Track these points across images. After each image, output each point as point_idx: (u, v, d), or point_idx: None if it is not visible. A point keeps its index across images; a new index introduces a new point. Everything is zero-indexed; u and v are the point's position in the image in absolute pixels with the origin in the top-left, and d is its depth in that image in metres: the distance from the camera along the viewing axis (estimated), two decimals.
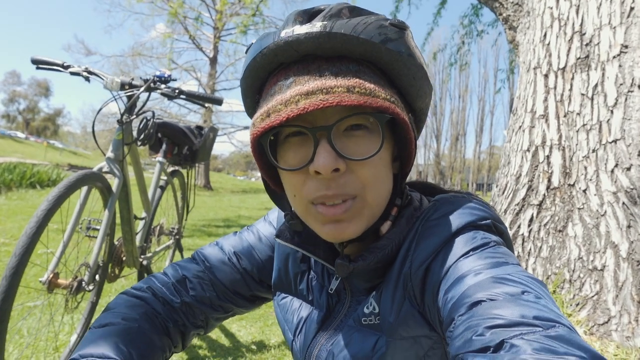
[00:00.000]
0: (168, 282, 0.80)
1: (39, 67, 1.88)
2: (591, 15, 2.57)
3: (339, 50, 0.57)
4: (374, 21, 0.57)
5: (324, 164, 0.55)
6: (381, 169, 0.60)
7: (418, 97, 0.65)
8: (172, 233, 2.75)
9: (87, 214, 1.80)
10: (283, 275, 0.79)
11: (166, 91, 1.90)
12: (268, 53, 0.58)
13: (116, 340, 0.65)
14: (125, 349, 0.65)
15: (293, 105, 0.54)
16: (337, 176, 0.57)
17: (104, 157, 1.79)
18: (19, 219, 5.03)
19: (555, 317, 0.43)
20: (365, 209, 0.60)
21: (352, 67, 0.57)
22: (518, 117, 2.93)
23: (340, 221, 0.59)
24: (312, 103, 0.53)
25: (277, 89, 0.58)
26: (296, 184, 0.60)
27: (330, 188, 0.57)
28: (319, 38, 0.55)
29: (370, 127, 0.58)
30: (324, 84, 0.54)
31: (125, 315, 0.71)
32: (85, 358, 0.61)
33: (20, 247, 1.29)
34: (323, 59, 0.58)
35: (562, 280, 2.30)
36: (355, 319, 0.67)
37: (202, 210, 8.56)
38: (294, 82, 0.56)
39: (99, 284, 1.84)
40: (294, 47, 0.56)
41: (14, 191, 7.83)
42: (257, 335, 2.36)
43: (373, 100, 0.55)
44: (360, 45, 0.56)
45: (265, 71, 0.61)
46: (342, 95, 0.54)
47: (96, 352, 0.63)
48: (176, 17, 13.56)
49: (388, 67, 0.60)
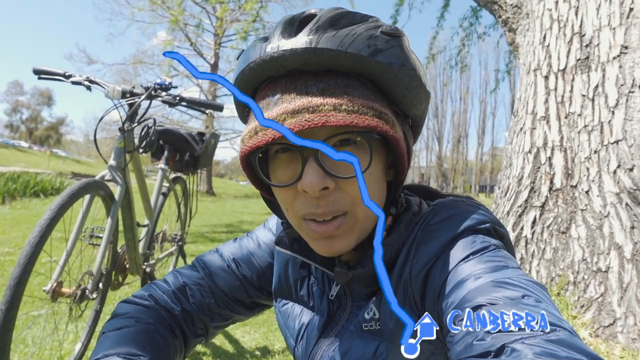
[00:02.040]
0: (169, 290, 0.80)
1: (41, 77, 1.89)
2: (590, 16, 2.58)
3: (326, 65, 0.55)
4: (363, 32, 0.55)
5: (311, 183, 0.54)
6: (372, 183, 0.59)
7: (412, 105, 0.63)
8: (174, 240, 2.75)
9: (90, 222, 1.81)
10: (283, 281, 0.79)
11: (167, 98, 1.91)
12: (255, 67, 0.57)
13: (138, 339, 0.67)
14: (149, 347, 0.66)
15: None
16: (327, 194, 0.56)
17: (106, 165, 1.80)
18: (22, 228, 5.04)
19: (556, 320, 0.43)
20: (357, 225, 0.60)
21: (340, 81, 0.56)
22: (519, 118, 2.93)
23: (332, 237, 0.59)
24: (298, 123, 0.52)
25: (265, 104, 0.57)
26: (287, 199, 0.60)
27: (320, 206, 0.57)
28: (304, 54, 0.54)
29: (359, 142, 0.57)
30: (310, 101, 0.53)
31: (139, 319, 0.72)
32: (110, 356, 0.62)
33: (24, 257, 1.30)
34: (310, 73, 0.56)
35: (566, 282, 2.29)
36: (356, 324, 0.67)
37: (205, 216, 8.56)
38: (281, 100, 0.55)
39: (102, 292, 1.84)
40: (280, 63, 0.55)
41: (18, 200, 7.85)
42: (261, 340, 2.36)
43: (360, 119, 0.53)
44: (348, 60, 0.55)
45: (254, 83, 0.61)
46: (328, 115, 0.52)
47: (121, 351, 0.63)
48: (177, 25, 13.62)
49: (379, 79, 0.58)
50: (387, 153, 0.64)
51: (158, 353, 0.67)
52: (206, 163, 2.61)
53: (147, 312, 0.75)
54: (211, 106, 2.10)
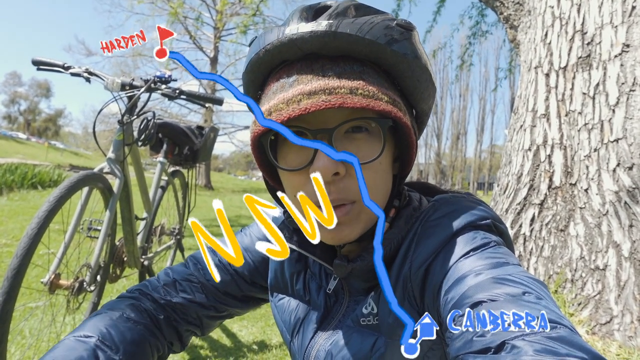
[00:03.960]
0: (158, 286, 0.81)
1: (40, 68, 1.88)
2: (592, 14, 2.57)
3: (343, 50, 0.56)
4: (380, 21, 0.56)
5: (323, 167, 0.53)
6: (381, 173, 0.60)
7: (421, 99, 0.64)
8: (173, 233, 2.75)
9: (89, 215, 1.80)
10: (279, 275, 0.79)
11: (167, 91, 1.90)
12: (272, 49, 0.57)
13: (97, 324, 0.67)
14: (105, 330, 0.66)
15: (295, 104, 0.53)
16: (337, 180, 0.56)
17: (104, 158, 1.79)
18: (20, 220, 5.03)
19: (556, 318, 0.43)
20: (363, 214, 0.60)
21: (356, 67, 0.57)
22: (519, 116, 2.93)
23: (339, 224, 0.59)
24: (315, 103, 0.53)
25: (280, 86, 0.57)
26: (296, 185, 0.59)
27: (330, 192, 0.56)
28: (324, 37, 0.54)
29: (371, 130, 0.58)
30: (327, 84, 0.54)
31: (110, 307, 0.74)
32: (67, 338, 0.64)
33: (21, 248, 1.29)
34: (327, 58, 0.57)
35: (564, 280, 2.30)
36: (353, 319, 0.67)
37: (203, 210, 8.54)
38: (297, 81, 0.56)
39: (100, 285, 1.84)
40: (298, 45, 0.56)
41: (16, 192, 7.83)
42: (258, 335, 2.36)
43: (376, 104, 0.54)
44: (366, 46, 0.56)
45: (268, 67, 0.61)
46: (344, 97, 0.53)
47: (78, 334, 0.65)
48: (176, 18, 13.55)
49: (393, 69, 0.59)
50: (394, 146, 0.64)
51: (115, 335, 0.67)
52: (205, 157, 2.61)
53: (124, 301, 0.76)
54: (211, 100, 2.09)
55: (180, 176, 2.76)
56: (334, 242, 0.61)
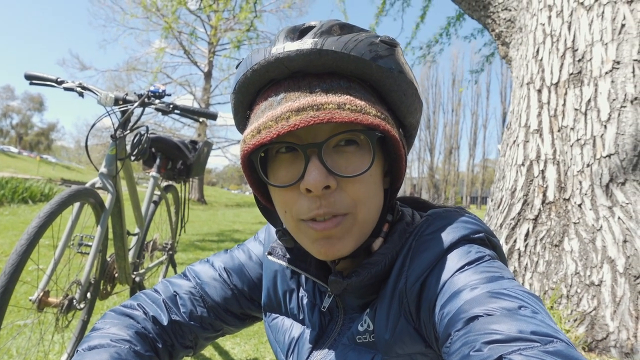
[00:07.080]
0: (158, 299, 0.78)
1: (33, 83, 1.87)
2: (583, 31, 2.61)
3: (329, 67, 0.57)
4: (364, 38, 0.58)
5: (314, 180, 0.54)
6: (372, 185, 0.60)
7: (408, 113, 0.65)
8: (165, 248, 2.72)
9: (79, 230, 1.78)
10: (272, 294, 0.78)
11: (160, 106, 1.89)
12: (259, 69, 0.58)
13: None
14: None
15: (284, 121, 0.54)
16: (328, 193, 0.56)
17: (97, 172, 1.77)
18: (10, 235, 4.97)
19: (553, 332, 0.43)
20: (355, 227, 0.59)
21: (343, 83, 0.57)
22: (512, 131, 2.95)
23: (331, 237, 0.59)
24: (303, 120, 0.53)
25: (268, 105, 0.58)
26: (287, 201, 0.59)
27: (322, 206, 0.56)
28: (310, 55, 0.55)
29: (360, 143, 0.58)
30: (315, 100, 0.54)
31: (113, 337, 0.69)
32: None
33: (10, 266, 1.27)
34: (314, 75, 0.58)
35: (559, 296, 2.29)
36: (349, 337, 0.66)
37: (196, 224, 8.50)
38: (285, 99, 0.56)
39: (90, 302, 1.80)
40: (284, 64, 0.56)
41: (6, 206, 7.75)
42: (251, 352, 2.32)
43: (364, 118, 0.55)
44: (351, 63, 0.56)
45: (255, 87, 0.61)
46: (332, 112, 0.53)
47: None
48: (170, 32, 13.64)
49: (379, 84, 0.60)
50: (384, 159, 0.64)
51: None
52: (199, 171, 2.59)
53: (127, 328, 0.72)
54: (205, 114, 2.08)
55: (173, 191, 2.74)
56: (327, 257, 0.60)
